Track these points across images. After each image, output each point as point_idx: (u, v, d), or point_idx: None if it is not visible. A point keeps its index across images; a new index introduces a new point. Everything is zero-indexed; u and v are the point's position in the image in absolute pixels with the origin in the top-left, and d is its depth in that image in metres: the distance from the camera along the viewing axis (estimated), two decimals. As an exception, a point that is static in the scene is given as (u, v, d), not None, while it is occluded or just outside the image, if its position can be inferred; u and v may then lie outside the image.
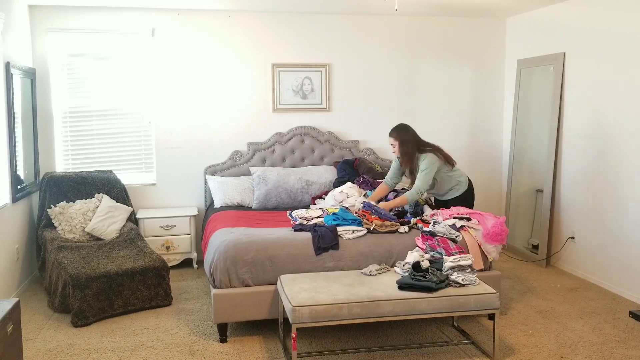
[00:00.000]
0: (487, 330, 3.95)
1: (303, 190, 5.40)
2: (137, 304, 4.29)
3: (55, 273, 4.35)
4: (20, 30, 5.05)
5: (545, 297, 4.62)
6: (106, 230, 4.87)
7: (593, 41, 4.93)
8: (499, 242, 4.05)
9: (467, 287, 3.49)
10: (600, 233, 4.92)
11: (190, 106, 5.72)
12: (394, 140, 4.53)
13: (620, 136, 4.67)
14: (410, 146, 4.47)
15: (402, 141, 4.48)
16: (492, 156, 6.37)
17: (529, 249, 5.84)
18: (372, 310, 3.30)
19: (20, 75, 4.86)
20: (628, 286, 4.60)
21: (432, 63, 6.16)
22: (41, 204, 5.06)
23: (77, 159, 5.59)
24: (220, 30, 5.71)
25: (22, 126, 4.92)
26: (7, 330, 2.48)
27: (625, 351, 3.62)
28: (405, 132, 4.51)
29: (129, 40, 5.58)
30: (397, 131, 4.53)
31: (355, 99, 6.04)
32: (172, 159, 5.72)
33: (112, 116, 5.62)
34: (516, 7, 5.61)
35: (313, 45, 5.90)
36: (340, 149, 5.91)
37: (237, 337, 3.85)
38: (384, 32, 6.03)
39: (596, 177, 4.94)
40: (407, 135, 4.50)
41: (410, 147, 4.47)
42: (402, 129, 4.53)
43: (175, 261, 5.43)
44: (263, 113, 5.86)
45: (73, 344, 3.75)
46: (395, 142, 4.51)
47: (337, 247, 3.90)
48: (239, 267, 3.74)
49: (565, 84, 5.28)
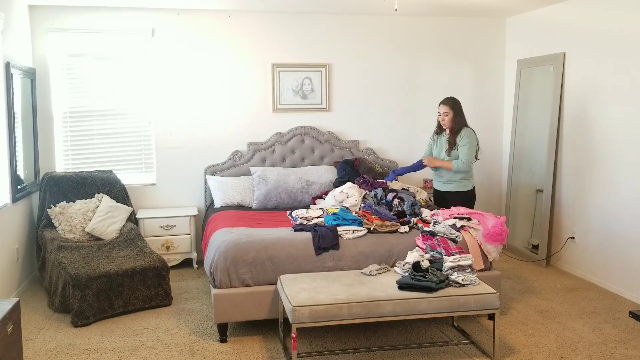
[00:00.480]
0: (487, 330, 3.95)
1: (303, 190, 5.40)
2: (137, 304, 4.29)
3: (55, 273, 4.35)
4: (20, 30, 5.05)
5: (545, 297, 4.62)
6: (106, 230, 4.87)
7: (593, 41, 4.93)
8: (499, 242, 4.06)
9: (467, 287, 3.50)
10: (600, 233, 4.92)
11: (190, 106, 5.72)
12: (448, 110, 4.70)
13: (620, 136, 4.67)
14: (462, 119, 4.72)
15: (457, 112, 4.70)
16: (492, 156, 6.37)
17: (529, 249, 5.84)
18: (372, 310, 3.30)
19: (20, 75, 4.86)
20: (628, 286, 4.60)
21: (432, 63, 6.16)
22: (41, 204, 5.06)
23: (77, 159, 5.59)
24: (220, 30, 5.71)
25: (22, 126, 4.92)
26: (7, 330, 2.48)
27: (625, 351, 3.62)
28: (459, 106, 4.73)
29: (129, 40, 5.58)
30: (452, 101, 4.74)
31: (355, 99, 6.04)
32: (172, 159, 5.72)
33: (112, 116, 5.62)
34: (516, 7, 5.61)
35: (313, 45, 5.90)
36: (340, 149, 5.91)
37: (237, 337, 3.85)
38: (384, 32, 6.03)
39: (596, 177, 4.94)
40: (461, 109, 4.73)
41: (461, 119, 4.71)
42: (456, 100, 4.76)
43: (175, 261, 5.43)
44: (263, 113, 5.86)
45: (73, 344, 3.75)
46: (451, 111, 4.69)
47: (338, 247, 3.90)
48: (239, 267, 3.74)
49: (565, 84, 5.29)
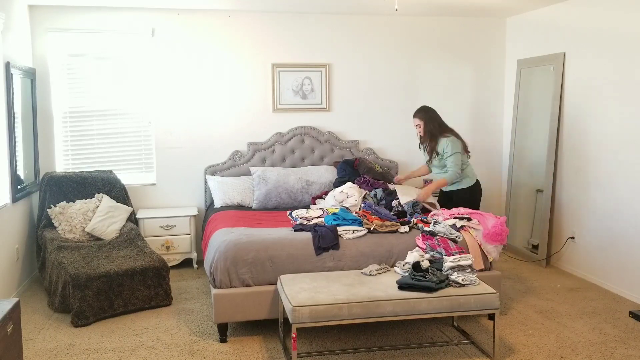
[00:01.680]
0: (487, 330, 3.95)
1: (303, 190, 5.39)
2: (137, 304, 4.29)
3: (55, 273, 4.35)
4: (20, 30, 5.05)
5: (545, 297, 4.62)
6: (106, 230, 4.87)
7: (593, 41, 4.93)
8: (499, 242, 4.05)
9: (467, 287, 3.49)
10: (600, 233, 4.92)
11: (190, 106, 5.72)
12: (419, 121, 4.73)
13: (620, 136, 4.67)
14: (436, 126, 4.70)
15: (428, 120, 4.71)
16: (492, 156, 6.37)
17: (529, 249, 5.84)
18: (372, 310, 3.30)
19: (20, 75, 4.86)
20: (628, 286, 4.60)
21: (432, 63, 6.16)
22: (41, 204, 5.06)
23: (77, 159, 5.59)
24: (220, 30, 5.70)
25: (22, 126, 4.92)
26: (7, 330, 2.48)
27: (625, 351, 3.62)
28: (431, 112, 4.76)
29: (129, 40, 5.58)
30: (421, 112, 4.78)
31: (355, 99, 6.04)
32: (172, 159, 5.72)
33: (112, 116, 5.62)
34: (516, 7, 5.61)
35: (313, 45, 5.90)
36: (340, 149, 5.91)
37: (237, 337, 3.85)
38: (384, 32, 6.03)
39: (596, 177, 4.94)
40: (433, 115, 4.75)
41: (436, 127, 4.70)
42: (427, 109, 4.79)
43: (175, 261, 5.43)
44: (263, 113, 5.86)
45: (73, 344, 3.75)
46: (422, 122, 4.70)
47: (338, 247, 3.90)
48: (239, 267, 3.74)
49: (565, 84, 5.28)
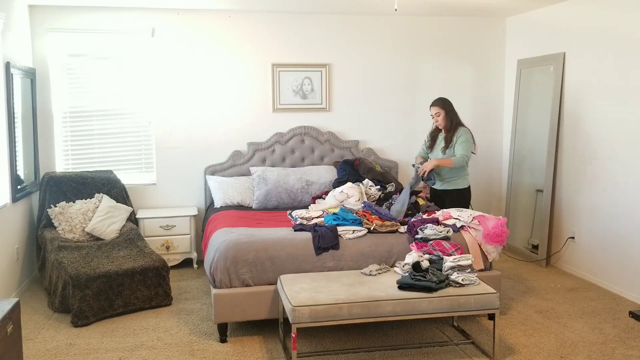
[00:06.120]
0: (487, 330, 3.95)
1: (303, 190, 5.39)
2: (137, 304, 4.29)
3: (55, 273, 4.35)
4: (20, 30, 5.05)
5: (545, 297, 4.62)
6: (106, 230, 4.87)
7: (593, 41, 4.93)
8: (498, 243, 4.05)
9: (467, 287, 3.49)
10: (600, 233, 4.92)
11: (190, 106, 5.72)
12: (439, 109, 4.81)
13: (620, 136, 4.67)
14: (456, 116, 4.83)
15: (448, 110, 4.81)
16: (492, 156, 6.37)
17: (529, 249, 5.84)
18: (372, 310, 3.30)
19: (20, 75, 4.86)
20: (628, 286, 4.60)
21: (432, 63, 6.16)
22: (41, 204, 5.06)
23: (77, 159, 5.59)
24: (220, 30, 5.70)
25: (22, 126, 4.92)
26: (7, 330, 2.48)
27: (625, 351, 3.62)
28: (450, 103, 4.85)
29: (129, 40, 5.58)
30: (442, 101, 4.85)
31: (355, 99, 6.04)
32: (172, 159, 5.72)
33: (112, 116, 5.62)
34: (516, 7, 5.61)
35: (313, 45, 5.90)
36: (340, 149, 5.91)
37: (237, 337, 3.85)
38: (384, 32, 6.02)
39: (596, 177, 4.94)
40: (452, 107, 4.84)
41: (456, 117, 4.83)
42: (446, 100, 4.87)
43: (175, 261, 5.43)
44: (263, 113, 5.86)
45: (73, 344, 3.75)
46: (442, 110, 4.80)
47: (337, 247, 3.90)
48: (239, 267, 3.74)
49: (565, 84, 5.28)
